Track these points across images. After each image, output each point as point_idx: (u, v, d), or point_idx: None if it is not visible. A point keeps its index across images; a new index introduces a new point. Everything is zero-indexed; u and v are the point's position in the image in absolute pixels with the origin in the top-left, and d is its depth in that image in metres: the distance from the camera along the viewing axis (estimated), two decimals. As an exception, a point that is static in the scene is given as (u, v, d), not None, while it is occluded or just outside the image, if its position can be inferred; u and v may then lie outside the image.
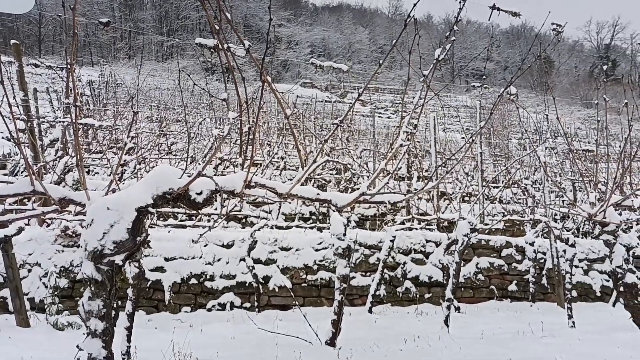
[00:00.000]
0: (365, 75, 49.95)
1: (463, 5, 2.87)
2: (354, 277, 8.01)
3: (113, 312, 2.36)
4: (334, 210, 9.22)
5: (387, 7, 70.56)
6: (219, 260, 7.48)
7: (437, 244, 8.65)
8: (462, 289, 8.62)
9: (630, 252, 8.13)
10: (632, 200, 3.39)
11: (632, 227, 9.94)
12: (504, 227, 11.76)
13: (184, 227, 8.90)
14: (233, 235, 7.74)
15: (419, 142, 21.46)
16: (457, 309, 7.79)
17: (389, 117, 40.28)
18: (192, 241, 4.10)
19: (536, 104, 39.37)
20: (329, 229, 8.07)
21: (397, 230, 7.87)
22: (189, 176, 2.25)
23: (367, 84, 2.78)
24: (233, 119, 2.23)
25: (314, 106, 26.67)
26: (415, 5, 2.56)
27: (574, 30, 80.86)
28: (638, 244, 9.07)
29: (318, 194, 2.62)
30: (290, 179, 12.47)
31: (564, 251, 6.31)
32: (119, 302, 6.16)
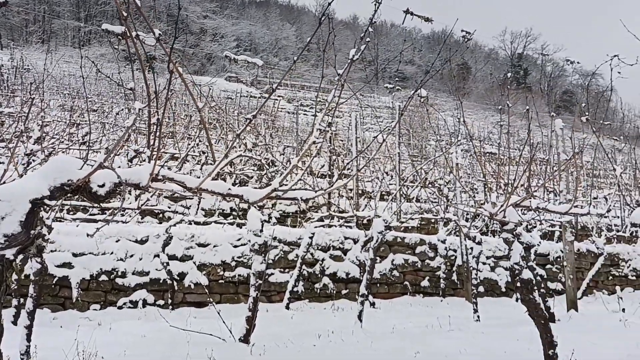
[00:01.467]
0: (292, 71, 49.94)
1: (377, 7, 2.93)
2: (272, 274, 8.01)
3: (5, 309, 2.21)
4: (247, 206, 9.15)
5: (314, 5, 70.84)
6: (131, 256, 7.22)
7: (355, 241, 8.81)
8: (378, 285, 8.84)
9: (532, 250, 8.68)
10: (530, 201, 3.61)
11: (535, 227, 10.61)
12: (419, 225, 12.19)
13: (95, 221, 8.51)
14: (147, 230, 7.50)
15: (342, 141, 21.78)
16: (372, 304, 7.98)
17: (314, 115, 40.46)
18: (87, 235, 3.90)
19: (453, 107, 41.05)
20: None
21: (316, 227, 7.94)
22: (90, 167, 2.15)
23: (282, 78, 2.78)
24: (139, 109, 2.15)
25: (238, 101, 26.35)
26: (328, 4, 2.59)
27: (490, 39, 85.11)
28: (540, 242, 9.71)
29: (229, 189, 2.58)
30: (220, 173, 12.24)
31: (471, 248, 6.63)
32: (21, 300, 5.81)
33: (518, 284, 3.51)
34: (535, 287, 3.57)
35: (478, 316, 6.57)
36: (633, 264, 11.26)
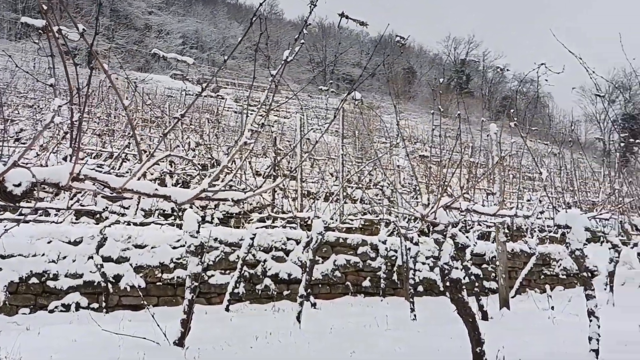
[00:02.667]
0: (239, 71, 49.54)
1: (312, 9, 2.94)
2: (212, 275, 7.91)
3: None
4: (177, 207, 9.00)
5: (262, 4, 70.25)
6: (64, 258, 6.95)
7: (298, 242, 8.82)
8: (320, 285, 8.88)
9: (468, 251, 8.94)
10: (460, 203, 3.72)
11: (472, 228, 10.95)
12: (363, 226, 12.35)
13: (27, 222, 8.14)
14: (82, 231, 7.23)
15: (289, 141, 21.78)
16: (314, 305, 8.00)
17: (261, 115, 40.26)
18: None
19: (399, 110, 41.81)
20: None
21: (257, 228, 7.89)
22: (4, 165, 2.06)
23: (214, 75, 2.75)
24: (59, 106, 2.07)
25: (183, 99, 25.89)
26: (260, 4, 2.58)
27: (435, 44, 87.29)
28: (476, 243, 10.03)
29: (156, 189, 2.53)
30: (162, 173, 11.98)
31: (409, 249, 6.77)
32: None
33: (447, 284, 3.61)
34: (464, 286, 3.68)
35: (415, 315, 6.71)
36: (563, 264, 11.81)
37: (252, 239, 7.59)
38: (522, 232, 13.41)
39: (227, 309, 7.28)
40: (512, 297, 10.14)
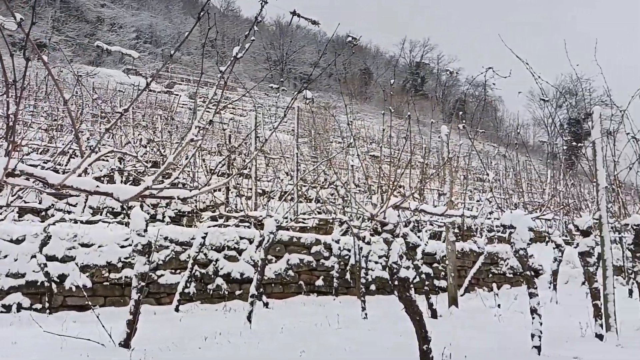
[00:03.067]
0: (195, 67, 48.78)
1: (263, 6, 2.92)
2: (162, 275, 7.76)
3: None
4: (140, 205, 8.81)
5: (219, 1, 69.64)
6: (5, 257, 6.66)
7: (251, 241, 8.76)
8: (273, 285, 8.85)
9: (420, 250, 9.09)
10: (409, 203, 3.77)
11: (424, 227, 11.15)
12: (318, 226, 12.37)
13: (-35, 219, 7.77)
14: (25, 229, 6.95)
15: (244, 139, 21.59)
16: (266, 304, 7.97)
17: (208, 111, 39.77)
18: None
19: (356, 111, 42.13)
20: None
21: (209, 227, 7.79)
22: None
23: (161, 68, 2.69)
24: (-8, 98, 1.98)
25: (134, 94, 25.30)
26: (207, 2, 2.53)
27: (391, 46, 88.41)
28: (427, 242, 10.20)
29: (98, 186, 2.45)
30: (111, 170, 11.64)
31: (361, 248, 6.82)
32: None
33: (396, 282, 3.65)
34: (414, 285, 3.74)
35: (366, 314, 6.78)
36: (510, 263, 12.17)
37: (204, 238, 7.49)
38: (472, 232, 13.75)
39: (176, 309, 7.15)
40: (462, 296, 10.38)
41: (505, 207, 14.14)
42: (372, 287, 9.73)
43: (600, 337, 5.49)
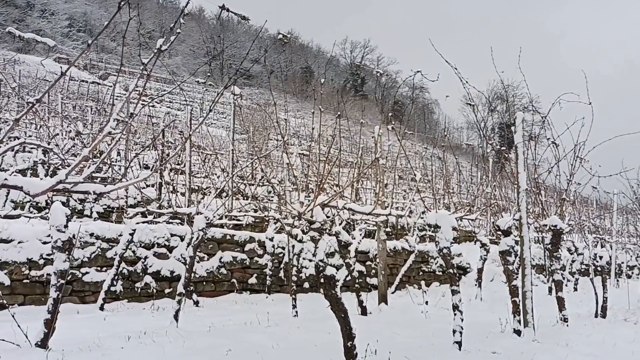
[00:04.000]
0: (131, 58, 47.23)
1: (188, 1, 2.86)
2: (87, 273, 7.47)
3: None
4: (67, 199, 8.42)
5: (157, -9, 67.69)
6: None
7: (182, 238, 8.59)
8: (204, 283, 8.72)
9: (353, 248, 9.19)
10: (337, 201, 3.81)
11: (358, 225, 11.29)
12: (254, 223, 12.28)
13: None
14: None
15: (181, 134, 21.12)
16: (196, 303, 7.84)
17: (153, 106, 38.74)
18: None
19: (296, 109, 42.15)
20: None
21: (138, 223, 7.56)
22: None
23: (76, 58, 2.57)
24: None
25: (66, 85, 24.23)
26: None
27: (333, 46, 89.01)
28: (360, 241, 10.33)
29: (6, 179, 2.33)
30: (35, 162, 11.08)
31: (293, 246, 6.83)
32: None
33: (322, 280, 3.68)
34: (344, 283, 3.78)
35: (296, 311, 6.80)
36: (440, 261, 12.54)
37: (132, 234, 7.26)
38: (405, 231, 14.08)
39: (101, 308, 6.90)
40: (393, 293, 10.61)
41: (437, 207, 14.58)
42: (306, 284, 9.77)
43: (518, 332, 5.75)
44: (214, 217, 5.92)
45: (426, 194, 6.86)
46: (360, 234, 11.37)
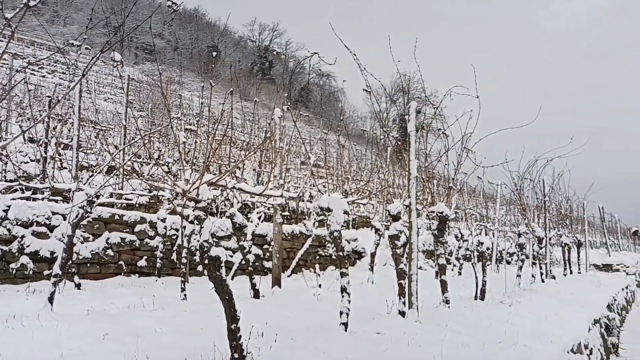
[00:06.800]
0: (22, 24, 43.28)
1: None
2: (-49, 252, 6.77)
3: None
4: None
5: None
6: None
7: (65, 217, 8.03)
8: (89, 264, 8.24)
9: (250, 231, 9.09)
10: (226, 180, 3.69)
11: (257, 208, 11.18)
12: (148, 204, 11.78)
13: None
14: None
15: (71, 107, 19.77)
16: (78, 285, 7.38)
17: (43, 76, 35.95)
18: None
19: (200, 88, 40.96)
20: None
21: (13, 199, 6.96)
22: None
23: None
24: None
25: None
26: None
27: (241, 27, 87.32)
28: (258, 224, 10.24)
29: None
30: None
31: (184, 227, 6.61)
32: None
33: (206, 261, 3.56)
34: (223, 265, 3.67)
35: (185, 294, 6.60)
36: (337, 245, 12.78)
37: (6, 211, 6.67)
38: (304, 216, 14.18)
39: (-33, 291, 6.30)
40: (289, 276, 10.67)
41: (338, 192, 14.82)
42: (200, 267, 9.53)
43: (402, 314, 5.97)
44: (101, 194, 5.57)
45: (326, 180, 6.91)
46: (259, 217, 11.30)
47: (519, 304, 8.12)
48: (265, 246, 11.03)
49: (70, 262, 7.06)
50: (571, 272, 15.69)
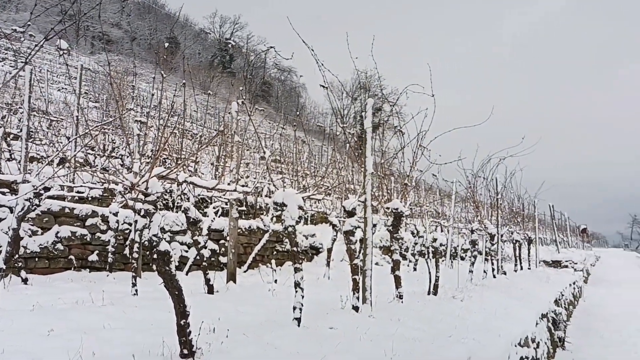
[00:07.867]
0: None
1: None
2: None
3: None
4: None
5: None
6: None
7: (12, 210, 7.74)
8: (37, 259, 7.97)
9: (206, 226, 8.98)
10: (177, 174, 3.63)
11: (213, 203, 11.07)
12: (101, 197, 11.49)
13: None
14: None
15: (21, 97, 19.08)
16: (25, 280, 7.13)
17: (2, 63, 34.51)
18: None
19: (158, 80, 40.15)
20: None
21: (-45, 190, 6.66)
22: None
23: None
24: None
25: None
26: None
27: (202, 19, 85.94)
28: (214, 219, 10.14)
29: None
30: None
31: (136, 222, 6.48)
32: None
33: (155, 256, 3.49)
34: (172, 259, 3.62)
35: (136, 290, 6.47)
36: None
37: (-53, 203, 6.37)
38: (262, 211, 14.11)
39: None
40: (245, 272, 10.61)
41: (296, 187, 14.81)
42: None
43: (356, 309, 6.02)
44: (51, 187, 5.39)
45: (285, 175, 6.88)
46: (216, 212, 11.19)
47: (471, 299, 8.32)
48: (222, 241, 10.92)
49: (17, 256, 6.82)
50: (522, 268, 16.17)
